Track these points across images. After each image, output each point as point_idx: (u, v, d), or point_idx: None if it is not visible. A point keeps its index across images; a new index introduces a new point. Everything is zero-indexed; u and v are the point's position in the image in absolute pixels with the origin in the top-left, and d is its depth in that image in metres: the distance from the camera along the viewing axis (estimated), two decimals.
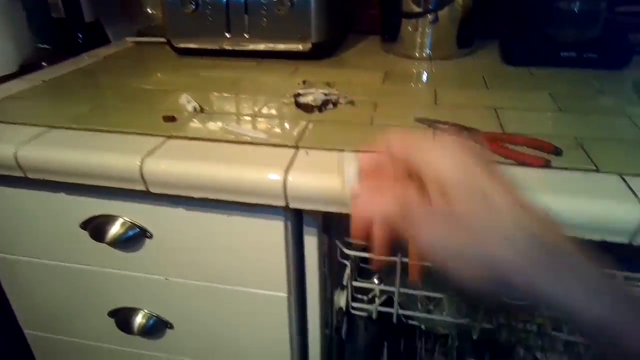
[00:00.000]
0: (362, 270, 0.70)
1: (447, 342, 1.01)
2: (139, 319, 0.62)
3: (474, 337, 0.58)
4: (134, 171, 0.45)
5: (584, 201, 0.39)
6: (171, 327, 0.63)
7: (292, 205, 0.44)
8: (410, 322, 0.67)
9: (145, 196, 0.51)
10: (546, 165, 0.43)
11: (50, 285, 0.64)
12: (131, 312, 0.63)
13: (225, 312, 0.59)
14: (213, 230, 0.52)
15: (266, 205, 0.45)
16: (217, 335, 0.62)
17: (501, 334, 0.63)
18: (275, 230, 0.50)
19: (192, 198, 0.47)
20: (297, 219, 0.52)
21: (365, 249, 0.67)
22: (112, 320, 0.64)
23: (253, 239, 0.52)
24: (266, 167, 0.44)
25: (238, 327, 0.60)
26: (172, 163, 0.46)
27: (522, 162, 0.44)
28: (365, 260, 0.71)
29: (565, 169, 0.43)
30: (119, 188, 0.48)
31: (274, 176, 0.43)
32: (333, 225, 0.58)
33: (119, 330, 0.64)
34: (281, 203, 0.44)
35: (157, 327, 0.63)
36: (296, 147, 0.48)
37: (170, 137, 0.51)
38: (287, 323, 0.57)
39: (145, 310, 0.63)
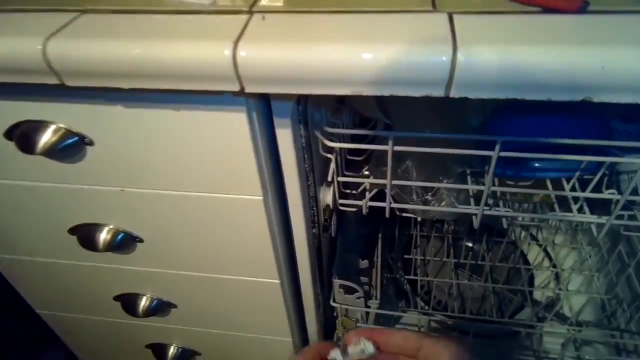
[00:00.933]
0: (350, 162, 0.63)
1: (442, 227, 0.98)
2: (103, 235, 0.56)
3: (475, 226, 0.52)
4: (35, 58, 0.34)
5: (632, 50, 0.29)
6: (141, 240, 0.57)
7: (249, 88, 0.34)
8: (405, 214, 0.62)
9: (74, 95, 0.41)
10: (582, 9, 0.33)
11: None
12: (94, 228, 0.56)
13: (195, 221, 0.52)
14: (162, 130, 0.43)
15: (217, 91, 0.35)
16: (193, 245, 0.56)
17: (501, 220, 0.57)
18: (237, 123, 0.40)
19: (126, 92, 0.36)
20: (264, 108, 0.42)
21: (351, 140, 0.59)
22: (73, 238, 0.57)
23: (212, 136, 0.42)
24: (209, 40, 0.33)
25: (213, 236, 0.54)
26: (86, 44, 0.34)
27: (553, 8, 0.33)
28: (352, 151, 0.63)
29: (606, 12, 0.33)
30: (35, 87, 0.37)
31: (220, 50, 0.32)
32: (311, 112, 0.49)
33: (84, 248, 0.58)
34: (234, 87, 0.34)
35: (125, 242, 0.57)
36: (250, 13, 0.36)
37: (85, 11, 0.39)
38: (266, 226, 0.51)
39: (110, 226, 0.56)
